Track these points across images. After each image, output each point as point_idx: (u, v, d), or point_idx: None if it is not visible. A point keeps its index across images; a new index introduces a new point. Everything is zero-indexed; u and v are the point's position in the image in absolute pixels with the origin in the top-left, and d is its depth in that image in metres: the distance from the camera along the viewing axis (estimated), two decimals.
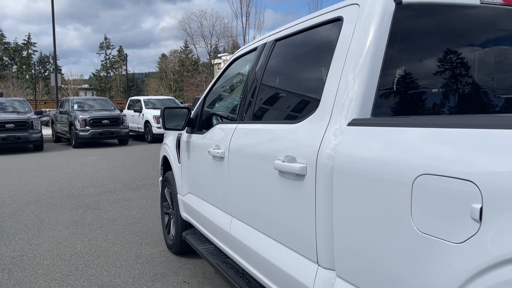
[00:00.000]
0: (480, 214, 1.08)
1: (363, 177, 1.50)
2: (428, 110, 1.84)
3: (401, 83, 1.83)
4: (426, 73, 1.87)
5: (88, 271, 3.88)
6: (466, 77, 1.93)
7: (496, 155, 1.09)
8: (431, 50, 1.89)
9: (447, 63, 1.87)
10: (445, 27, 1.91)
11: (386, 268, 1.41)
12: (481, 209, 1.08)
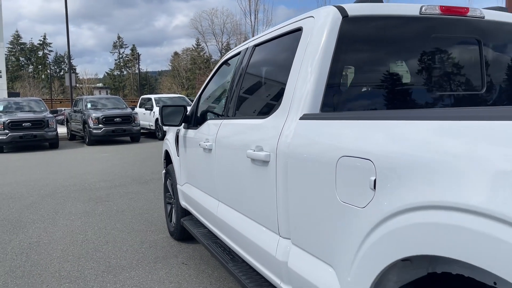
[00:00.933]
0: (374, 184, 1.43)
1: (305, 161, 1.85)
2: (365, 106, 2.17)
3: (346, 84, 2.17)
4: (367, 75, 2.21)
5: (97, 254, 4.29)
6: (403, 78, 2.26)
7: (386, 140, 1.43)
8: (373, 55, 2.23)
9: (386, 66, 2.21)
10: (387, 35, 2.24)
11: (321, 232, 1.76)
12: (375, 180, 1.43)
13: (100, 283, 3.60)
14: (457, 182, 1.13)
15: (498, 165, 1.04)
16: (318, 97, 2.04)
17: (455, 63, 2.39)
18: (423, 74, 2.30)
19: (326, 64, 2.05)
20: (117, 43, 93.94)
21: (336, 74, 2.11)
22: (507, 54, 2.52)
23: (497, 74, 2.44)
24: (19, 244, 4.66)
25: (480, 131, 1.14)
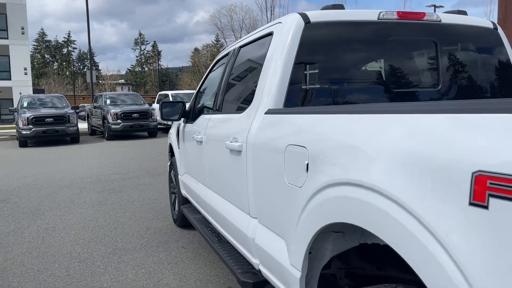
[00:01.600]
0: (307, 167, 1.72)
1: (264, 150, 2.15)
2: (324, 102, 2.45)
3: (308, 82, 2.45)
4: (327, 74, 2.48)
5: (106, 239, 4.67)
6: (360, 77, 2.52)
7: (317, 131, 1.72)
8: (333, 56, 2.49)
9: (345, 66, 2.47)
10: (347, 38, 2.50)
11: (276, 210, 2.06)
12: (308, 164, 1.72)
13: (106, 263, 3.97)
14: (355, 165, 1.42)
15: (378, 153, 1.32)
16: (282, 94, 2.32)
17: (412, 62, 2.64)
18: (379, 73, 2.56)
19: (289, 65, 2.34)
20: (139, 39, 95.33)
21: (299, 73, 2.38)
22: (461, 54, 2.74)
23: (452, 72, 2.68)
24: (36, 229, 5.09)
25: (372, 125, 1.42)
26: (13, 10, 34.29)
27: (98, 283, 3.52)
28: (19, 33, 34.80)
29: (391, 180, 1.24)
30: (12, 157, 12.65)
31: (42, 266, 3.94)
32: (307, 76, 2.43)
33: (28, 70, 35.90)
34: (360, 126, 1.48)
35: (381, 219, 1.26)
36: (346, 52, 2.51)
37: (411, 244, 1.14)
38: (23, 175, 9.04)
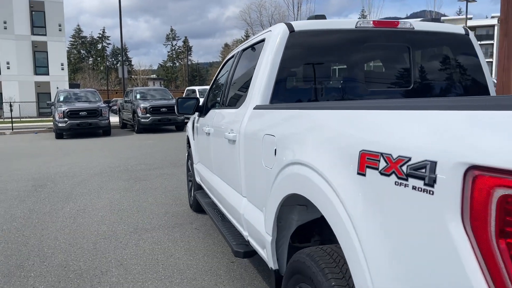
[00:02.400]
0: (275, 152, 2.14)
1: (250, 139, 2.58)
2: (305, 100, 2.85)
3: (291, 82, 2.85)
4: (309, 76, 2.88)
5: (128, 220, 5.22)
6: (339, 78, 2.91)
7: (282, 122, 2.14)
8: (314, 59, 2.89)
9: (325, 68, 2.87)
10: (327, 44, 2.89)
11: (257, 189, 2.49)
12: (275, 150, 2.14)
13: (127, 239, 4.50)
14: (299, 149, 1.84)
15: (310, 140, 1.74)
16: (268, 92, 2.74)
17: (387, 65, 3.01)
18: (356, 75, 2.94)
19: (275, 67, 2.75)
20: (170, 35, 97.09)
21: (284, 75, 2.80)
22: (432, 57, 3.08)
23: (423, 73, 3.02)
24: (69, 211, 5.70)
25: (309, 119, 1.84)
26: (51, 7, 35.83)
27: (120, 256, 4.05)
28: (56, 30, 36.34)
29: (316, 158, 1.65)
30: (49, 148, 13.54)
31: (73, 240, 4.51)
32: (291, 76, 2.84)
33: (65, 65, 37.44)
34: (302, 120, 1.90)
35: (310, 185, 1.68)
36: (326, 56, 2.90)
37: (322, 198, 1.57)
38: (58, 164, 9.79)
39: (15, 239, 4.59)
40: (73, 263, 3.90)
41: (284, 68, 2.78)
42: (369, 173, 1.33)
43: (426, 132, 1.14)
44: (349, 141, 1.48)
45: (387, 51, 3.03)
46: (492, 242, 0.91)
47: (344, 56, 2.95)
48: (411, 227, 1.14)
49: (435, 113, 1.15)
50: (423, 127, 1.16)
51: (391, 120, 1.33)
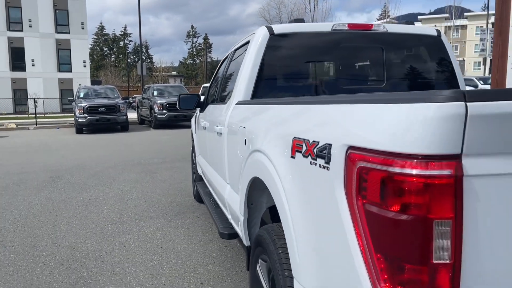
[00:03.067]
0: (245, 141, 2.44)
1: (230, 131, 2.88)
2: (282, 96, 3.12)
3: (269, 80, 3.14)
4: (287, 74, 3.15)
5: (135, 209, 5.59)
6: (315, 76, 3.18)
7: (250, 116, 2.44)
8: (292, 60, 3.17)
9: (303, 67, 3.14)
10: (305, 45, 3.16)
11: (235, 174, 2.79)
12: (246, 140, 2.44)
13: (132, 226, 4.86)
14: (258, 139, 2.13)
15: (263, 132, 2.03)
16: (249, 89, 3.04)
17: (361, 65, 3.26)
18: (332, 73, 3.20)
19: (256, 66, 3.04)
20: (190, 32, 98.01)
21: (264, 73, 3.08)
22: (405, 57, 3.32)
23: (395, 72, 3.27)
24: (82, 200, 6.11)
25: (265, 113, 2.13)
26: (74, 6, 36.77)
27: (124, 239, 4.41)
28: (79, 28, 37.28)
29: (267, 145, 1.95)
30: (69, 142, 14.11)
31: (83, 225, 4.90)
32: (271, 75, 3.13)
33: (87, 62, 38.39)
34: (261, 114, 2.19)
35: (263, 168, 1.98)
36: (303, 56, 3.18)
37: (269, 177, 1.86)
38: (76, 157, 10.28)
39: (31, 224, 5.00)
40: (81, 245, 4.28)
41: (264, 67, 3.06)
42: (297, 156, 1.62)
43: (329, 121, 1.43)
44: (287, 130, 1.77)
45: (361, 51, 3.28)
46: (354, 201, 1.19)
47: (321, 56, 3.22)
48: (319, 196, 1.43)
49: (333, 107, 1.44)
50: (327, 118, 1.45)
51: (311, 112, 1.61)
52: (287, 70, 3.18)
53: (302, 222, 1.55)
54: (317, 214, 1.44)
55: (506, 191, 1.02)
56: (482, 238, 1.02)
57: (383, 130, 1.12)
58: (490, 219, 1.02)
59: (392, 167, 1.06)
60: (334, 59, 3.21)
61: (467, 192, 1.01)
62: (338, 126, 1.35)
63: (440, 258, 1.02)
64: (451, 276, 1.02)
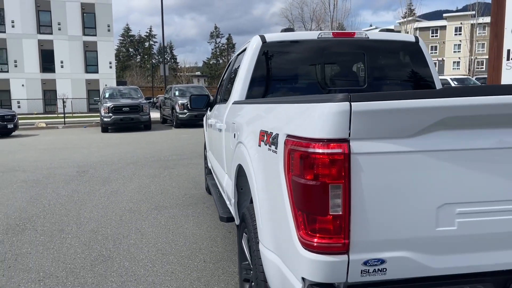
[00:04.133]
0: (234, 135, 2.88)
1: (227, 128, 3.33)
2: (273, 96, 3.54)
3: (261, 83, 3.57)
4: (278, 78, 3.58)
5: (152, 199, 6.11)
6: (303, 79, 3.59)
7: (238, 113, 2.88)
8: (282, 65, 3.59)
9: (292, 72, 3.56)
10: (294, 52, 3.58)
11: (229, 164, 3.24)
12: (235, 134, 2.88)
13: (148, 214, 5.38)
14: (241, 132, 2.57)
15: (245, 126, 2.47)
16: (244, 90, 3.48)
17: (344, 69, 3.66)
18: (318, 77, 3.61)
19: (250, 70, 3.48)
20: (214, 33, 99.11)
21: (257, 77, 3.52)
22: (384, 61, 3.69)
23: (376, 75, 3.65)
24: (104, 192, 6.68)
25: (245, 110, 2.57)
26: (100, 9, 37.96)
27: (140, 225, 4.92)
28: (105, 31, 38.45)
29: (245, 137, 2.39)
30: (94, 140, 14.86)
31: (104, 214, 5.44)
32: (263, 78, 3.56)
33: (113, 64, 39.54)
34: (243, 111, 2.63)
35: (243, 156, 2.42)
36: (292, 62, 3.60)
37: (245, 164, 2.30)
38: (100, 154, 10.94)
39: (59, 211, 5.58)
40: (102, 229, 4.82)
41: (257, 71, 3.50)
42: (261, 145, 2.06)
43: (279, 117, 1.86)
44: (257, 125, 2.20)
45: (345, 57, 3.67)
46: (287, 175, 1.62)
47: (308, 61, 3.63)
48: (272, 174, 1.86)
49: (282, 106, 1.87)
50: (279, 114, 1.88)
51: (271, 110, 2.05)
52: (278, 74, 3.61)
53: (263, 196, 1.99)
54: (270, 189, 1.87)
55: (381, 163, 1.43)
56: (365, 197, 1.44)
57: (304, 122, 1.55)
58: (370, 183, 1.44)
59: (307, 148, 1.49)
60: (320, 63, 3.61)
61: (353, 165, 1.43)
62: (283, 120, 1.78)
63: (335, 211, 1.44)
64: (343, 223, 1.44)
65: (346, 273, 1.48)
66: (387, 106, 1.40)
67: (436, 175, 1.46)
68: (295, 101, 1.73)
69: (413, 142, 1.45)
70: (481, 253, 1.54)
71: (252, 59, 3.49)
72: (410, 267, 1.50)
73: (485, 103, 1.41)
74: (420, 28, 67.35)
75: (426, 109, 1.40)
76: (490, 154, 1.47)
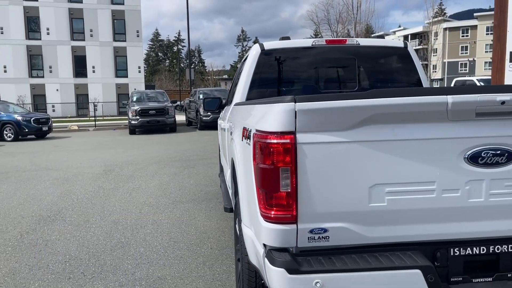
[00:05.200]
0: (231, 133, 3.28)
1: (229, 126, 3.73)
2: None
3: (260, 86, 3.94)
4: (275, 82, 3.95)
5: (170, 195, 6.58)
6: (298, 83, 3.95)
7: (233, 114, 3.28)
8: (280, 70, 3.96)
9: (288, 76, 3.93)
10: (290, 58, 3.95)
11: (228, 156, 3.63)
12: (231, 132, 3.27)
13: (165, 207, 5.84)
14: (235, 130, 2.97)
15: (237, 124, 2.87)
16: (245, 93, 3.87)
17: (337, 73, 4.00)
18: (313, 80, 3.96)
19: (250, 75, 3.87)
20: (241, 36, 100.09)
21: (256, 81, 3.90)
22: (374, 66, 4.01)
23: (366, 78, 3.97)
24: (127, 188, 7.20)
25: (236, 111, 2.96)
26: (130, 16, 39.21)
27: (156, 217, 5.38)
28: (134, 36, 39.66)
29: (235, 134, 2.78)
30: (122, 141, 15.57)
31: (126, 207, 5.94)
32: (262, 82, 3.95)
33: (141, 68, 40.69)
34: (234, 111, 3.02)
35: (233, 149, 2.81)
36: (289, 67, 3.97)
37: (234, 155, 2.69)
38: (126, 155, 11.55)
39: (86, 205, 6.11)
40: (122, 220, 5.30)
41: (256, 75, 3.89)
42: (243, 139, 2.44)
43: (254, 115, 2.24)
44: (242, 123, 2.59)
45: (337, 62, 4.01)
46: (254, 163, 1.99)
47: (303, 66, 3.99)
48: (248, 164, 2.24)
49: (256, 106, 2.25)
50: (254, 113, 2.27)
51: (251, 110, 2.43)
52: (275, 78, 3.98)
53: (243, 182, 2.37)
54: (248, 175, 2.25)
55: (322, 151, 1.79)
56: (309, 178, 1.80)
57: (265, 119, 1.93)
58: (313, 167, 1.79)
59: (265, 139, 1.86)
60: (314, 68, 3.97)
61: (299, 152, 1.79)
62: (256, 118, 2.16)
63: (285, 189, 1.81)
64: (292, 199, 1.81)
65: (296, 239, 1.85)
66: (324, 105, 1.76)
67: (367, 161, 1.80)
68: (263, 102, 2.11)
69: (348, 134, 1.80)
70: (409, 225, 1.86)
71: (252, 65, 3.88)
72: (349, 236, 1.85)
73: (402, 102, 1.75)
74: (449, 28, 66.12)
75: (356, 108, 1.75)
76: (411, 144, 1.81)
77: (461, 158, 1.83)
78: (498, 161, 1.83)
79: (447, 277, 1.90)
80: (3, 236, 4.79)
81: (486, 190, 1.85)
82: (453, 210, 1.87)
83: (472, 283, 1.91)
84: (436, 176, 1.83)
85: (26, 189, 7.36)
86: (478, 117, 1.80)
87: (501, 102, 1.75)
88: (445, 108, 1.76)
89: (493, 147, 1.82)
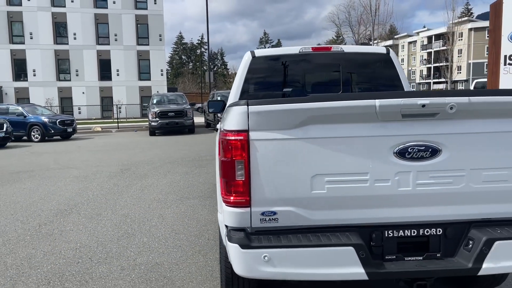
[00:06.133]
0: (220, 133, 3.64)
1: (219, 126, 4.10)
2: None
3: (251, 89, 4.29)
4: (265, 86, 4.29)
5: (179, 192, 7.00)
6: (286, 86, 4.28)
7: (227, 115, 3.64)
8: (270, 75, 4.30)
9: (277, 81, 4.27)
10: (279, 64, 4.28)
11: None
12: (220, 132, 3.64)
13: (172, 203, 6.25)
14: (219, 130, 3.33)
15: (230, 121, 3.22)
16: (237, 96, 4.23)
17: (323, 77, 4.32)
18: (300, 84, 4.29)
19: (242, 80, 4.22)
20: (263, 38, 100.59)
21: (248, 85, 4.25)
22: (358, 71, 4.30)
23: (350, 82, 4.27)
24: (140, 186, 7.66)
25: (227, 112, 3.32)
26: (152, 20, 40.16)
27: (163, 212, 5.79)
28: (157, 40, 40.57)
29: (219, 134, 3.13)
30: (141, 142, 16.16)
31: (136, 203, 6.38)
32: (253, 86, 4.30)
33: (164, 71, 41.57)
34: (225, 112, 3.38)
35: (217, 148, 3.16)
36: (277, 72, 4.30)
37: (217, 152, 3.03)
38: (144, 155, 12.08)
39: (100, 200, 6.59)
40: (131, 214, 5.73)
41: (248, 80, 4.24)
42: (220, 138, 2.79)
43: (226, 116, 2.60)
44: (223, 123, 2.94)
45: (323, 67, 4.33)
46: (219, 157, 2.35)
47: (291, 71, 4.32)
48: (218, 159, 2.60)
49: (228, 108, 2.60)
50: (224, 115, 2.62)
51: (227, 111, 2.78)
52: (265, 82, 4.33)
53: (217, 175, 2.73)
54: (217, 169, 2.61)
55: (271, 146, 2.13)
56: (260, 169, 2.14)
57: (228, 119, 2.29)
58: (263, 160, 2.13)
59: (226, 136, 2.22)
60: (301, 73, 4.29)
61: (251, 147, 2.13)
62: (224, 119, 2.51)
63: (240, 178, 2.16)
64: (246, 186, 2.16)
65: (250, 221, 2.19)
66: (271, 108, 2.10)
67: (309, 154, 2.13)
68: (231, 105, 2.46)
69: (293, 132, 2.13)
70: (347, 210, 2.18)
71: (244, 70, 4.23)
72: (295, 218, 2.18)
73: (335, 106, 2.07)
74: (475, 29, 64.90)
75: (297, 110, 2.09)
76: (346, 141, 2.13)
77: (390, 153, 2.14)
78: (423, 156, 2.14)
79: (382, 255, 2.21)
80: (23, 227, 5.29)
81: (413, 181, 2.16)
82: (385, 198, 2.18)
83: (404, 261, 2.21)
84: (369, 168, 2.14)
85: (48, 185, 7.91)
86: (404, 118, 2.11)
87: (422, 105, 2.06)
88: (374, 111, 2.08)
89: (418, 143, 2.13)
